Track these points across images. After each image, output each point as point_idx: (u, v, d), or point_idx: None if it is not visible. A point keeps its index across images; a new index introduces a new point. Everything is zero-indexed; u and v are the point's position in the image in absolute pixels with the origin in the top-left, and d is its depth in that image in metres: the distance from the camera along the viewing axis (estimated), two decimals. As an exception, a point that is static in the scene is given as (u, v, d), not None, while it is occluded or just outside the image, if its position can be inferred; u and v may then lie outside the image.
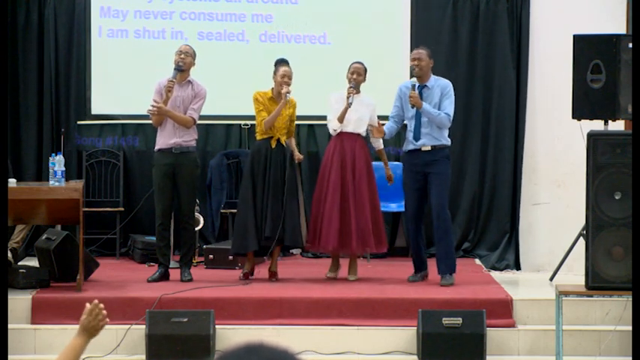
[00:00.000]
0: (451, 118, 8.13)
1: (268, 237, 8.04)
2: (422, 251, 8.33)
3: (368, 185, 8.30)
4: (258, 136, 8.26)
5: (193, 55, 8.25)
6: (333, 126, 8.32)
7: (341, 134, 8.31)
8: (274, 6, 9.81)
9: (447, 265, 8.09)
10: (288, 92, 8.10)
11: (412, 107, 8.08)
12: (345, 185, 8.24)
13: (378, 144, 8.53)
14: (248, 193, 8.15)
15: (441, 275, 8.10)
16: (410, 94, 8.03)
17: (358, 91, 8.29)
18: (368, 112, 8.32)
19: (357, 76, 8.25)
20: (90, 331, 3.49)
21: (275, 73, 8.18)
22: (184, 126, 8.14)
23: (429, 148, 8.12)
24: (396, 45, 9.69)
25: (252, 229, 8.07)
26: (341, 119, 8.24)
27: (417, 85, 8.10)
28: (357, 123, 8.28)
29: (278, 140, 8.19)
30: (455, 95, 8.24)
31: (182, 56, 8.15)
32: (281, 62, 8.24)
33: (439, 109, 8.08)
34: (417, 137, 8.11)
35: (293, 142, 8.49)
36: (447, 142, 8.19)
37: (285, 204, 8.08)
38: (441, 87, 8.17)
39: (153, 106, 8.09)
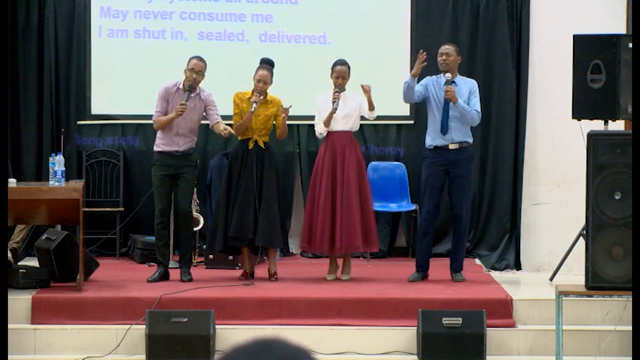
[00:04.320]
0: (480, 116, 8.21)
1: (233, 237, 8.08)
2: (428, 251, 8.34)
3: (358, 185, 8.29)
4: (239, 137, 8.29)
5: (205, 70, 8.17)
6: (319, 130, 8.35)
7: (331, 134, 8.33)
8: (274, 6, 9.81)
9: (459, 263, 8.26)
10: (256, 102, 8.07)
11: (447, 102, 8.10)
12: (335, 185, 8.25)
13: (372, 115, 8.41)
14: (222, 194, 8.24)
15: (453, 272, 8.22)
16: (446, 89, 8.09)
17: (343, 90, 8.29)
18: (356, 107, 8.32)
19: (342, 80, 8.26)
20: None
21: (255, 74, 8.18)
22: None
23: (456, 146, 8.15)
24: (396, 45, 9.68)
25: (222, 230, 8.14)
26: (327, 123, 8.26)
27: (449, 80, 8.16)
28: (345, 120, 8.30)
29: (256, 142, 8.20)
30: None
31: (194, 76, 8.08)
32: (261, 64, 8.24)
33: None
34: (445, 130, 8.13)
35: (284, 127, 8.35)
36: (472, 139, 8.27)
37: (261, 205, 8.09)
38: (469, 85, 8.26)
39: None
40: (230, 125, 8.19)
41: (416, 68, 8.10)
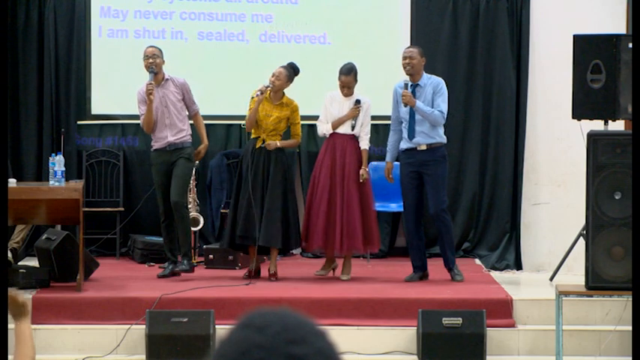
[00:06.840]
0: (445, 116, 8.16)
1: (241, 236, 8.10)
2: (421, 251, 8.34)
3: (358, 186, 8.28)
4: (252, 135, 8.34)
5: (161, 55, 8.27)
6: (324, 130, 8.32)
7: (333, 135, 8.31)
8: (274, 6, 9.81)
9: (452, 262, 8.22)
10: (261, 91, 8.08)
11: (405, 106, 8.09)
12: (334, 186, 8.23)
13: (363, 144, 8.47)
14: (234, 193, 8.29)
15: (449, 271, 8.22)
16: (402, 93, 8.05)
17: (351, 93, 8.30)
18: (362, 111, 8.31)
19: (348, 90, 8.26)
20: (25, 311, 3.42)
21: None
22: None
23: (424, 147, 8.13)
24: (396, 45, 9.66)
25: (229, 227, 8.21)
26: (335, 127, 8.24)
27: (410, 84, 8.11)
28: (349, 124, 8.27)
29: (263, 142, 8.20)
30: (449, 93, 8.29)
31: (150, 60, 8.18)
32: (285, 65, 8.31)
33: (432, 107, 8.10)
34: (411, 135, 8.13)
35: (289, 142, 8.44)
36: (443, 139, 8.21)
37: (264, 204, 8.09)
38: (433, 85, 8.19)
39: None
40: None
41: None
